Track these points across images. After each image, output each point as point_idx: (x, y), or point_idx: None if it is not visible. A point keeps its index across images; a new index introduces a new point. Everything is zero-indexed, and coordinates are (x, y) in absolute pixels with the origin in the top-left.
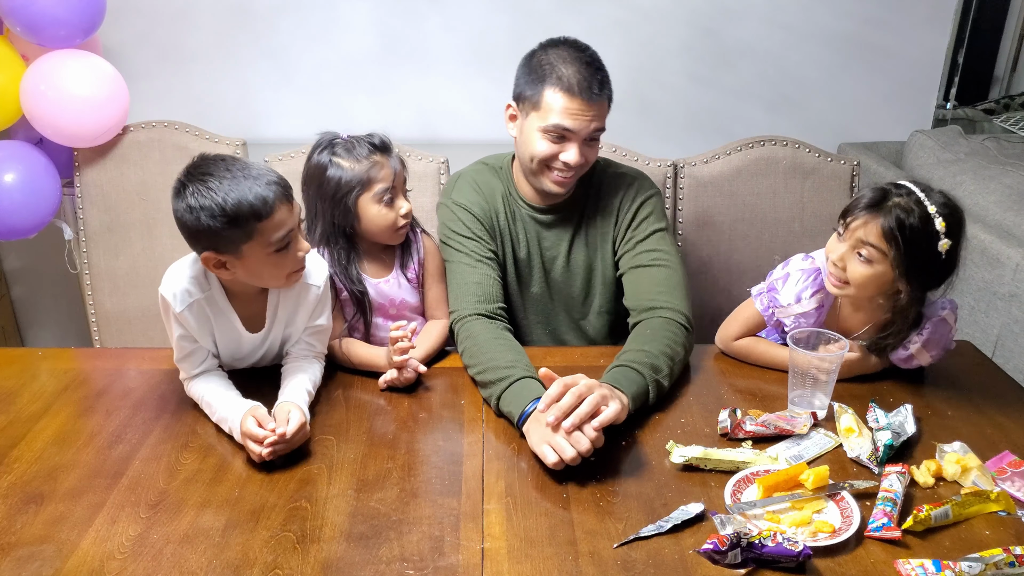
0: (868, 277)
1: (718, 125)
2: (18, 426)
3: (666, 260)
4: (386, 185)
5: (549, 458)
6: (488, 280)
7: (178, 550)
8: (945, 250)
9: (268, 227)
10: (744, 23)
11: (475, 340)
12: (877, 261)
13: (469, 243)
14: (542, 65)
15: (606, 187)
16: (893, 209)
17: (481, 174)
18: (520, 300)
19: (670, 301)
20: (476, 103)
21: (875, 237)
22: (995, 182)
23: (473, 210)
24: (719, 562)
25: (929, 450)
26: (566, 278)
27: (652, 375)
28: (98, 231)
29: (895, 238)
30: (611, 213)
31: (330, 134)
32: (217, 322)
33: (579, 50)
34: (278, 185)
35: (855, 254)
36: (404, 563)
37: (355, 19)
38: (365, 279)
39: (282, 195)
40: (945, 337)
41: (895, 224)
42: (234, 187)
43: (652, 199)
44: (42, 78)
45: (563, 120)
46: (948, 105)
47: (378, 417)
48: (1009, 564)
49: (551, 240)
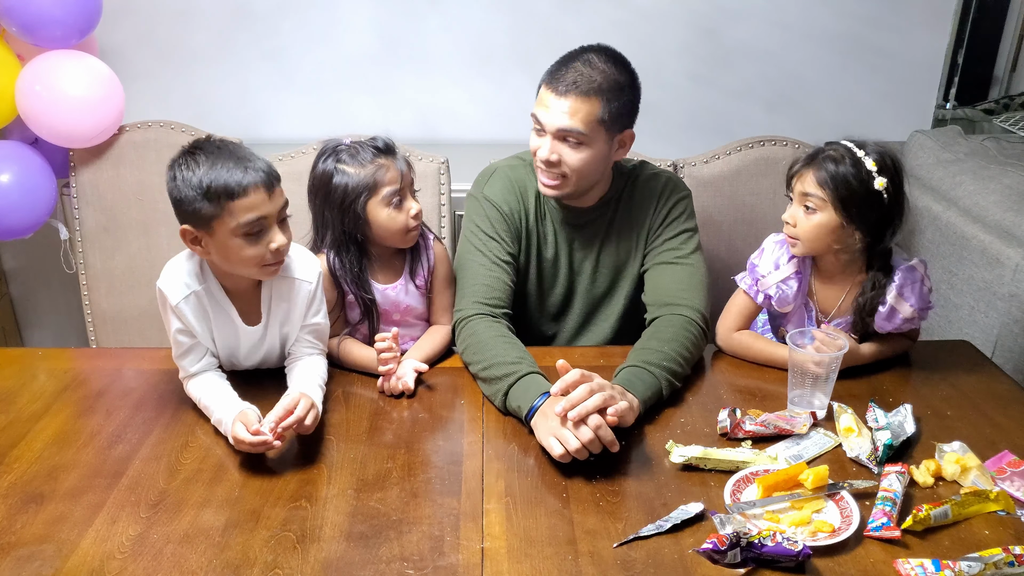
0: (816, 226)
1: (718, 125)
2: (18, 426)
3: (691, 260)
4: (393, 187)
5: (555, 450)
6: (499, 283)
7: (178, 550)
8: (883, 188)
9: (238, 207)
10: (744, 23)
11: (478, 337)
12: (820, 209)
13: (490, 243)
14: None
15: (640, 188)
16: (826, 159)
17: (516, 170)
18: (537, 300)
19: (691, 300)
20: (476, 103)
21: (812, 186)
22: (995, 182)
23: (502, 208)
24: (719, 562)
25: (928, 450)
26: (593, 280)
27: (667, 376)
28: (94, 231)
29: (827, 182)
30: (644, 214)
31: (333, 141)
32: (215, 315)
33: (583, 51)
34: (262, 172)
35: (801, 208)
36: (404, 563)
37: (355, 19)
38: (373, 285)
39: (262, 181)
40: (919, 286)
41: (828, 169)
42: (217, 164)
43: (684, 200)
44: (37, 78)
45: (536, 108)
46: (948, 105)
47: (378, 417)
48: (1008, 564)
49: (582, 241)
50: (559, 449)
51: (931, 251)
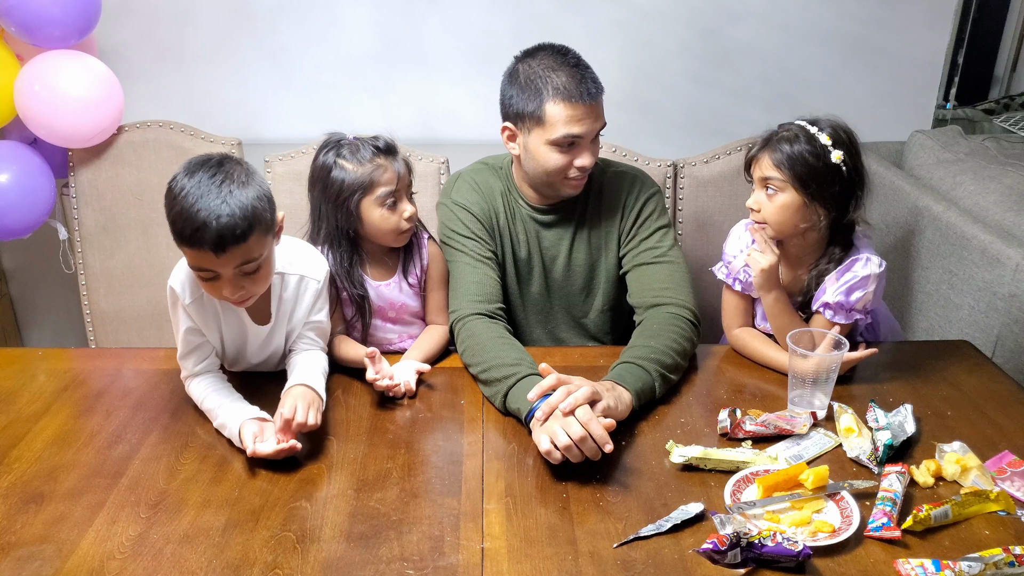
0: (780, 208)
1: (718, 125)
2: (18, 426)
3: (670, 257)
4: (389, 188)
5: (542, 445)
6: (488, 280)
7: (178, 550)
8: (841, 161)
9: (190, 255)
10: (744, 23)
11: (477, 339)
12: (781, 190)
13: (469, 243)
14: (532, 80)
15: (607, 186)
16: (780, 140)
17: (480, 174)
18: (519, 299)
19: (676, 296)
20: (476, 103)
21: (770, 168)
22: (995, 182)
23: (472, 209)
24: (719, 562)
25: (929, 450)
26: (567, 277)
27: (657, 369)
28: (93, 231)
29: (784, 162)
30: (615, 211)
31: (337, 135)
32: (225, 315)
33: (561, 54)
34: (228, 227)
35: (763, 192)
36: (404, 563)
37: (355, 19)
38: (366, 281)
39: (211, 243)
40: (861, 280)
41: (783, 150)
42: (196, 202)
43: (655, 197)
44: (36, 78)
45: (571, 129)
46: (948, 105)
47: (378, 417)
48: (1008, 564)
49: (552, 239)
50: (546, 444)
51: (931, 251)
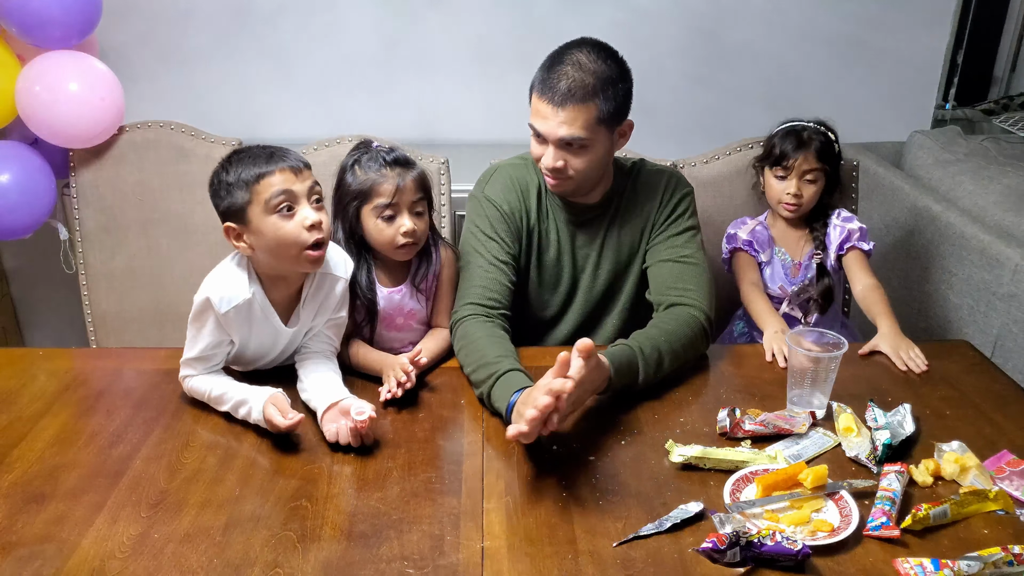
0: (816, 193)
1: (718, 125)
2: (19, 426)
3: (696, 259)
4: (385, 200)
5: (509, 432)
6: (495, 284)
7: (179, 549)
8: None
9: (264, 186)
10: (744, 24)
11: (468, 339)
12: (819, 179)
13: (489, 243)
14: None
15: (641, 184)
16: (812, 138)
17: (518, 169)
18: (538, 300)
19: (697, 299)
20: (477, 104)
21: (814, 162)
22: (994, 182)
23: (502, 208)
24: (718, 561)
25: (928, 449)
26: (594, 278)
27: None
28: (94, 231)
29: (826, 156)
30: (647, 209)
31: (368, 140)
32: (258, 321)
33: (569, 49)
34: (293, 158)
35: (804, 181)
36: (404, 562)
37: (355, 20)
38: (376, 287)
39: (292, 163)
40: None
41: (820, 147)
42: (246, 160)
43: (688, 196)
44: (37, 79)
45: (534, 120)
46: (947, 105)
47: (379, 417)
48: (1008, 563)
49: (584, 239)
50: (513, 430)
51: (931, 251)
